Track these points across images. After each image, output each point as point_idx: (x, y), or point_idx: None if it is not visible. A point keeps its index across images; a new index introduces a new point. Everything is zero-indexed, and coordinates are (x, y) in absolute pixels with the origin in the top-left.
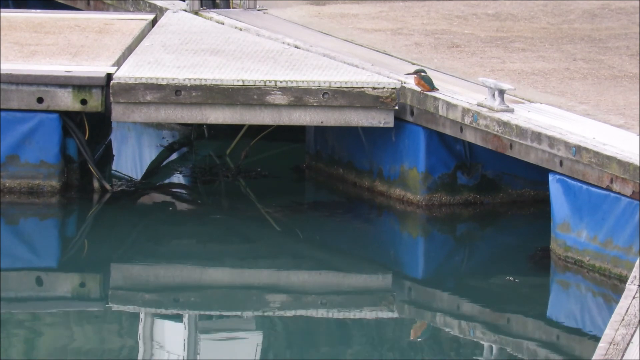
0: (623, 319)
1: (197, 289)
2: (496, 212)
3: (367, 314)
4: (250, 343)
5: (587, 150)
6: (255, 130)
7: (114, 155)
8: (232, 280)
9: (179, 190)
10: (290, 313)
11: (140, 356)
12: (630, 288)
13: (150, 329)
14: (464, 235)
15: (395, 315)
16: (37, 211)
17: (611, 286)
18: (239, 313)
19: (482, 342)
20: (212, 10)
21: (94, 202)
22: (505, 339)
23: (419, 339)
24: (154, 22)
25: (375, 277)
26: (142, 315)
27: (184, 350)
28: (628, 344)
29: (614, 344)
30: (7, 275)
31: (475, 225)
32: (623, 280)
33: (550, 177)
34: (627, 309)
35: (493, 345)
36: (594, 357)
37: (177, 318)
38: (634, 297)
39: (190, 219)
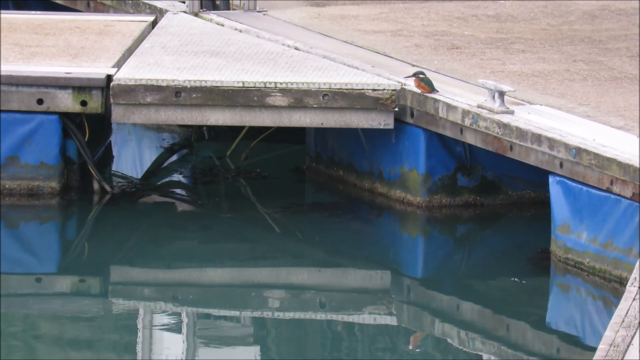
0: (623, 321)
1: (196, 292)
2: (496, 214)
3: (367, 315)
4: (249, 344)
5: (587, 152)
6: (255, 131)
7: (113, 157)
8: (232, 282)
9: (179, 191)
10: (289, 314)
11: (139, 358)
12: (630, 290)
13: (149, 331)
14: (463, 236)
15: (394, 316)
16: (37, 214)
17: (611, 289)
18: (238, 315)
19: (481, 344)
20: (212, 11)
21: (94, 204)
22: (504, 341)
23: (417, 340)
24: (154, 23)
25: (374, 277)
26: (141, 318)
27: (183, 352)
28: (628, 346)
29: (614, 346)
30: (8, 280)
31: (475, 226)
32: (623, 282)
33: (551, 178)
34: (627, 310)
35: (492, 347)
36: (594, 359)
37: (177, 320)
38: (634, 299)
39: (190, 221)
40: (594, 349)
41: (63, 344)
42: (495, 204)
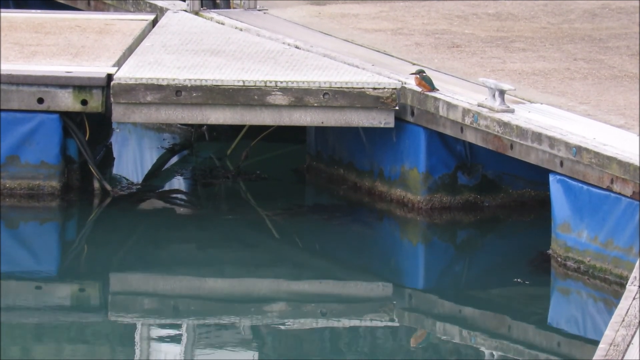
0: (623, 320)
1: (196, 298)
2: (496, 217)
3: (368, 323)
4: (249, 352)
5: (587, 150)
6: (255, 131)
7: (114, 158)
8: (231, 288)
9: (179, 193)
10: (289, 322)
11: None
12: (630, 289)
13: (148, 338)
14: (464, 241)
15: (395, 323)
16: (37, 215)
17: (612, 291)
18: (237, 322)
19: (483, 348)
20: (212, 10)
21: (94, 206)
22: (507, 345)
23: (419, 348)
24: (154, 22)
25: (375, 285)
26: (140, 325)
27: (180, 357)
28: (628, 345)
29: (614, 345)
30: (7, 282)
31: (475, 231)
32: (623, 281)
33: (551, 177)
34: (627, 310)
35: (494, 352)
36: (594, 358)
37: (176, 327)
38: (634, 298)
39: (189, 224)
40: (594, 349)
41: (60, 349)
42: (496, 202)
